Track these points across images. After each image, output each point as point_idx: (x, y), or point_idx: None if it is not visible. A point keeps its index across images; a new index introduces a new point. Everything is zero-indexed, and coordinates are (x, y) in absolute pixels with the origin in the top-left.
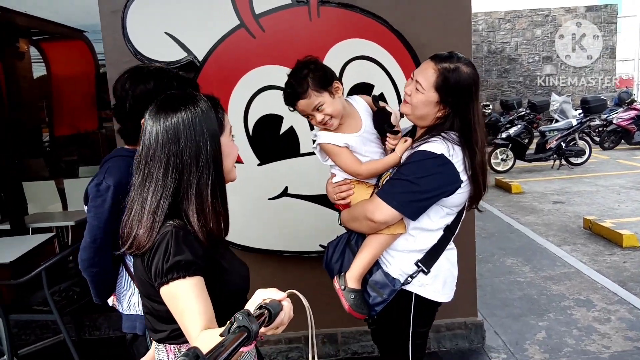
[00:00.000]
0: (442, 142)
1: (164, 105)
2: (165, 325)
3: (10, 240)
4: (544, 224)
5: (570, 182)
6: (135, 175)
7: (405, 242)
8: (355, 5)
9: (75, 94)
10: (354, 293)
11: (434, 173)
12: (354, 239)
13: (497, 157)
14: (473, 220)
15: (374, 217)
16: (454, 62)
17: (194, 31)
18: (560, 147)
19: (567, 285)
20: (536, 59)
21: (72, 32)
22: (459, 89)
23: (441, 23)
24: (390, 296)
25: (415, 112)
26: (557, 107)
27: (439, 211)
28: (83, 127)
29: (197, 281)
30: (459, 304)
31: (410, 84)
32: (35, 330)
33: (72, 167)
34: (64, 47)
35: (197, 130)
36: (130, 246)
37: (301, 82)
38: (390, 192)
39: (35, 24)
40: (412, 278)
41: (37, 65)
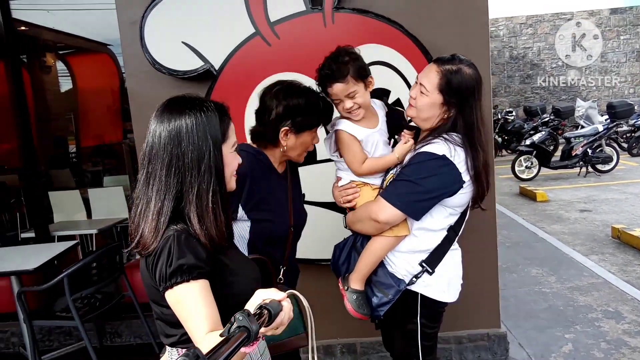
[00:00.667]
0: (444, 143)
1: (171, 107)
2: (175, 329)
3: (35, 248)
4: (571, 233)
5: (598, 190)
6: (140, 172)
7: (409, 242)
8: (370, 11)
9: (100, 106)
10: (356, 294)
11: (436, 174)
12: (359, 241)
13: (521, 165)
14: (495, 230)
15: (378, 218)
16: (456, 64)
17: (211, 40)
18: (587, 154)
19: (595, 296)
20: (559, 63)
21: (97, 45)
22: (462, 90)
23: (457, 25)
24: (396, 296)
25: (420, 115)
26: (582, 113)
27: (442, 211)
28: (108, 138)
29: (201, 285)
30: (482, 314)
31: (415, 87)
32: (59, 337)
33: (97, 177)
34: (89, 61)
35: (199, 136)
36: (137, 245)
37: (342, 67)
38: (394, 193)
39: (61, 38)
40: (417, 278)
41: (63, 78)
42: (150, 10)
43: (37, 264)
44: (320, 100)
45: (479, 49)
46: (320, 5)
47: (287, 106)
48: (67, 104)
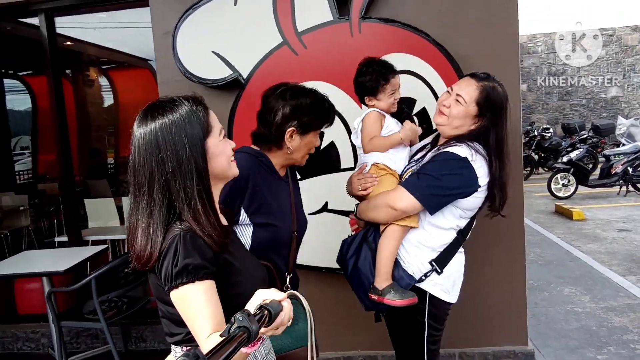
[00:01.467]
0: (467, 147)
1: (145, 114)
2: (180, 328)
3: (67, 251)
4: (607, 252)
5: (638, 210)
6: (129, 185)
7: (420, 236)
8: (397, 20)
9: None
10: (390, 289)
11: (456, 173)
12: (371, 235)
13: (558, 182)
14: (523, 245)
15: (396, 205)
16: (491, 82)
17: (239, 50)
18: (627, 172)
19: (631, 317)
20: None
21: (138, 60)
22: (496, 106)
23: (486, 35)
24: (406, 288)
25: (452, 122)
26: (624, 131)
27: (453, 212)
28: None
29: (207, 285)
30: (508, 331)
31: (448, 97)
32: (86, 340)
33: None
34: (130, 75)
35: (175, 136)
36: (138, 260)
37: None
38: (415, 184)
39: (103, 53)
40: (426, 277)
41: (105, 92)
42: (182, 22)
43: (68, 266)
44: (325, 100)
45: (509, 58)
46: (347, 15)
47: (295, 106)
48: (108, 117)
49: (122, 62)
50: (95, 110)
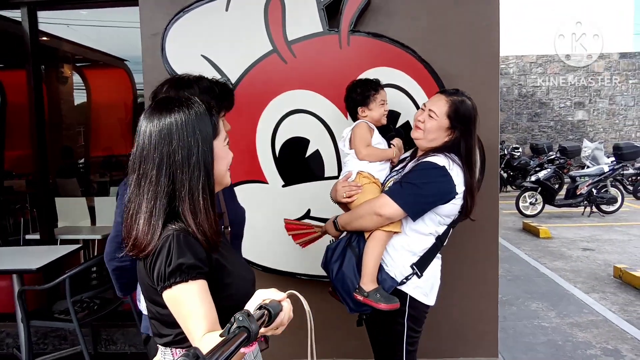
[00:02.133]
0: (444, 157)
1: (159, 106)
2: (170, 329)
3: (38, 249)
4: (572, 270)
5: (601, 230)
6: (130, 174)
7: (402, 241)
8: (385, 35)
9: (112, 119)
10: (376, 292)
11: (436, 181)
12: (355, 240)
13: (526, 201)
14: (497, 261)
15: (382, 212)
16: (460, 96)
17: (229, 55)
18: (591, 194)
19: (595, 333)
20: (568, 104)
21: (114, 60)
22: (465, 117)
23: (469, 55)
24: (388, 291)
25: (427, 136)
26: (588, 154)
27: (432, 218)
28: (117, 151)
29: (200, 285)
30: (480, 343)
31: (422, 113)
32: (54, 340)
33: (104, 188)
34: (105, 75)
35: (189, 132)
36: (132, 248)
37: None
38: (398, 192)
39: (79, 50)
40: (407, 280)
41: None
42: (172, 24)
43: (41, 264)
44: (215, 84)
45: (489, 79)
46: (337, 27)
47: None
48: (80, 115)
49: (98, 61)
50: (68, 108)
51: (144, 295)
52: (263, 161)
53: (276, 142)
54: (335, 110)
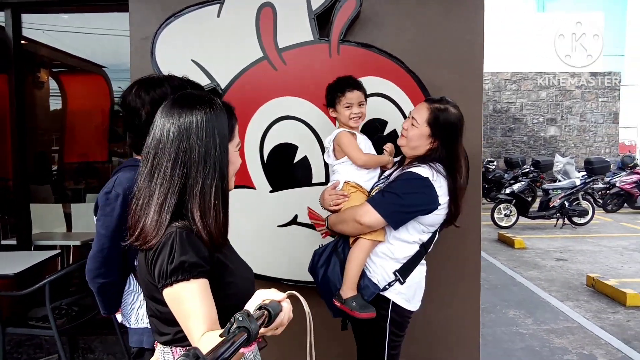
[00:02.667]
0: (428, 168)
1: (180, 101)
2: (170, 327)
3: (16, 255)
4: (547, 279)
5: (573, 241)
6: (142, 165)
7: (385, 249)
8: (374, 46)
9: (88, 126)
10: (353, 300)
11: (418, 192)
12: (340, 246)
13: (501, 212)
14: (479, 269)
15: (362, 220)
16: (443, 104)
17: (219, 60)
18: (564, 206)
19: (570, 339)
20: (540, 120)
21: (92, 66)
22: (446, 125)
23: (456, 67)
24: (370, 297)
25: (409, 144)
26: (560, 168)
27: (416, 227)
28: (93, 157)
29: (201, 283)
30: (461, 348)
31: (407, 121)
32: (28, 349)
33: (79, 194)
34: (82, 81)
35: (208, 132)
36: (137, 238)
37: (359, 83)
38: (380, 202)
39: (56, 55)
40: (390, 286)
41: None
42: (163, 28)
43: (19, 270)
44: (186, 82)
45: (473, 90)
46: (327, 36)
47: (153, 99)
48: (55, 121)
49: (75, 67)
50: (43, 113)
51: (144, 292)
52: (251, 167)
53: (264, 147)
54: (323, 117)
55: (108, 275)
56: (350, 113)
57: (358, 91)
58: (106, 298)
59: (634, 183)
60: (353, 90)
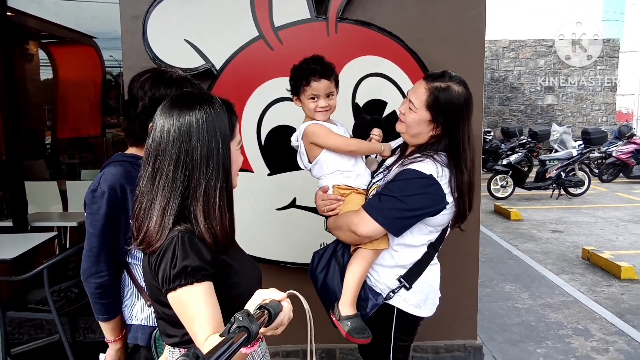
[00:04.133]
0: (432, 163)
1: (179, 101)
2: (177, 330)
3: (13, 238)
4: (543, 252)
5: (569, 212)
6: (144, 168)
7: (389, 257)
8: (373, 24)
9: (80, 99)
10: (349, 320)
11: (421, 193)
12: (340, 250)
13: (497, 184)
14: (477, 243)
15: (358, 230)
16: (445, 81)
17: (213, 40)
18: (560, 177)
19: (566, 313)
20: (538, 88)
21: (82, 37)
22: (449, 108)
23: (456, 45)
24: (372, 310)
25: (409, 131)
26: (557, 137)
27: (422, 229)
28: (86, 131)
29: (205, 287)
30: (459, 326)
31: (404, 103)
32: (29, 330)
33: (73, 170)
34: (72, 52)
35: (209, 131)
36: (141, 242)
37: (328, 69)
38: (377, 207)
39: (45, 27)
40: (394, 293)
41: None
42: (155, 6)
43: (16, 254)
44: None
45: (474, 68)
46: (325, 14)
47: (153, 98)
48: (46, 94)
49: (65, 38)
50: (34, 86)
51: (149, 295)
52: (249, 150)
53: (262, 130)
54: None
55: (101, 274)
56: (316, 106)
57: (326, 80)
58: (102, 301)
59: (630, 153)
60: (320, 79)
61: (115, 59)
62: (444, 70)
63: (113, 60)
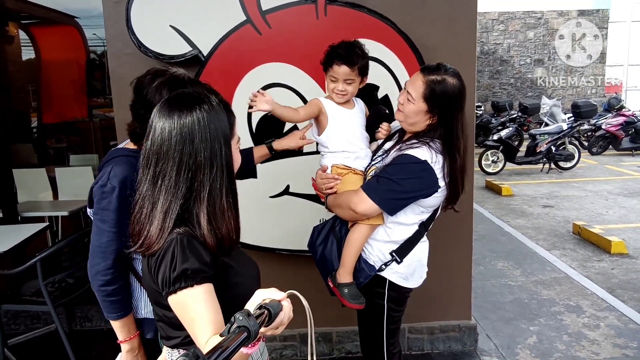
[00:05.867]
0: (427, 149)
1: (178, 102)
2: (178, 332)
3: (3, 229)
4: (534, 227)
5: (559, 187)
6: (143, 171)
7: (383, 233)
8: (363, 6)
9: (65, 81)
10: (347, 287)
11: (416, 177)
12: (338, 225)
13: (488, 159)
14: (471, 224)
15: (356, 209)
16: (440, 74)
17: (200, 25)
18: (550, 151)
19: (557, 290)
20: (528, 61)
21: (63, 17)
22: (444, 99)
23: (448, 26)
24: (366, 280)
25: (407, 120)
26: (547, 111)
27: (415, 209)
28: (72, 114)
29: (205, 289)
30: (454, 307)
31: (402, 94)
32: (25, 320)
33: (61, 154)
34: (54, 32)
35: (211, 132)
36: (141, 245)
37: (355, 56)
38: (374, 188)
39: (25, 7)
40: (386, 266)
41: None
42: None
43: (8, 247)
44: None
45: (467, 48)
46: None
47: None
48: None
49: (46, 18)
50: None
51: (149, 297)
52: (241, 138)
53: (253, 117)
54: (312, 84)
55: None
56: (335, 87)
57: (347, 67)
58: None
59: (620, 125)
60: (341, 65)
61: (99, 37)
62: (439, 63)
63: (97, 38)
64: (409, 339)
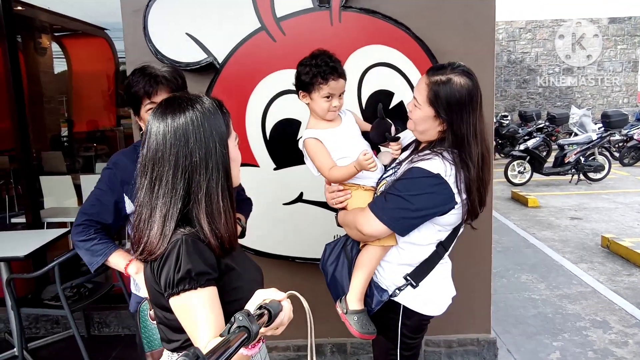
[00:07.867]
0: (440, 161)
1: (171, 105)
2: (179, 334)
3: (25, 234)
4: (561, 240)
5: (589, 198)
6: (140, 177)
7: (396, 254)
8: (378, 12)
9: (94, 91)
10: (356, 314)
11: (429, 192)
12: (350, 244)
13: (514, 170)
14: (490, 235)
15: (363, 230)
16: (446, 74)
17: (215, 33)
18: (579, 162)
19: (583, 305)
20: (556, 70)
21: (94, 29)
22: (451, 102)
23: (464, 31)
24: (377, 306)
25: (417, 128)
26: (576, 121)
27: (430, 228)
28: (101, 123)
29: (209, 292)
30: (473, 320)
31: (412, 100)
32: (46, 325)
33: (89, 163)
34: (85, 44)
35: (206, 131)
36: (141, 252)
37: (339, 65)
38: (382, 207)
39: (57, 20)
40: (400, 291)
41: (58, 61)
42: (155, 0)
43: (28, 251)
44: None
45: (485, 54)
46: (328, 3)
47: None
48: (60, 87)
49: (77, 30)
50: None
51: (150, 298)
52: (253, 144)
53: (267, 124)
54: None
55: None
56: (330, 105)
57: (343, 80)
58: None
59: None
60: (339, 79)
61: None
62: (448, 63)
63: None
64: (426, 352)
